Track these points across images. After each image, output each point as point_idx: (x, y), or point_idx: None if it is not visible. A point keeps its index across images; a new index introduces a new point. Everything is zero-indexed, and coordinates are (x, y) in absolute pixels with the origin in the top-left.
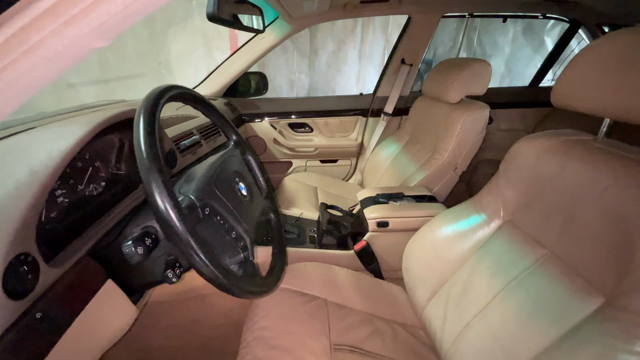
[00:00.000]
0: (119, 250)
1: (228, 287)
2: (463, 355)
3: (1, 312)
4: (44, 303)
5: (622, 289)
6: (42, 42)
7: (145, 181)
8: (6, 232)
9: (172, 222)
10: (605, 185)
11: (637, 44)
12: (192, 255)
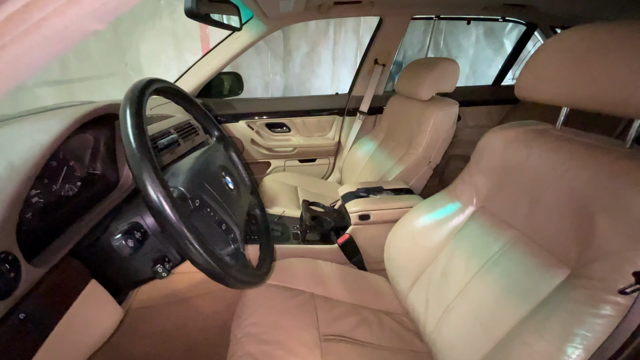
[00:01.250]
0: (103, 249)
1: (222, 276)
2: (446, 336)
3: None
4: (27, 304)
5: (584, 260)
6: (44, 20)
7: (137, 173)
8: None
9: (165, 212)
10: (564, 168)
11: (586, 41)
12: (187, 244)
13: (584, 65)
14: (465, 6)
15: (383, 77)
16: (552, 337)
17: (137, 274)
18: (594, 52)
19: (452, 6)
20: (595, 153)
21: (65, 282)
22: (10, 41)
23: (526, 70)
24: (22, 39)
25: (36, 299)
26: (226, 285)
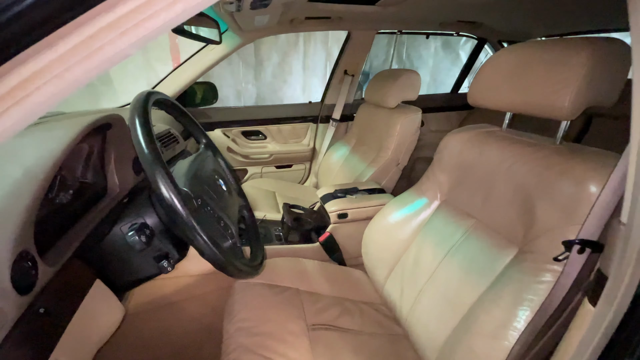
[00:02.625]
0: (106, 251)
1: (225, 264)
2: (420, 317)
3: (12, 306)
4: (44, 299)
5: (528, 238)
6: (100, 49)
7: (150, 175)
8: (11, 230)
9: (176, 208)
10: (510, 163)
11: (521, 58)
12: (196, 237)
13: (520, 77)
14: (424, 22)
15: (352, 86)
16: (506, 304)
17: (142, 271)
18: (526, 66)
19: (413, 22)
20: (533, 150)
21: (73, 281)
22: (76, 64)
23: (475, 82)
24: (82, 63)
25: (50, 296)
26: (228, 274)
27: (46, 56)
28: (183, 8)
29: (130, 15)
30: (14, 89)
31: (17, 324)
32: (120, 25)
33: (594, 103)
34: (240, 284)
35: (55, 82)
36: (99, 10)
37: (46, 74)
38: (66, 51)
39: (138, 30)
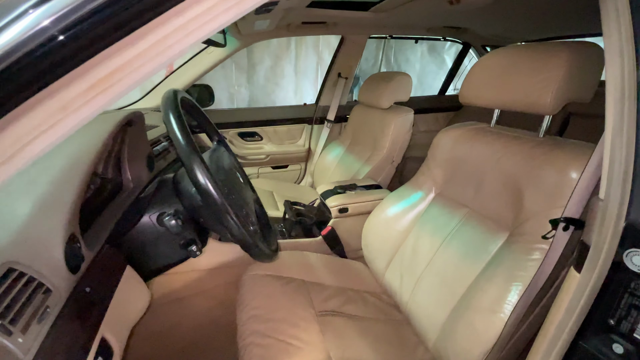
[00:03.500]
0: (135, 239)
1: (251, 245)
2: (420, 302)
3: (65, 284)
4: (88, 280)
5: (518, 222)
6: (169, 47)
7: (188, 164)
8: (63, 214)
9: (211, 192)
10: (499, 155)
11: (507, 59)
12: (228, 219)
13: (506, 77)
14: (413, 28)
15: (346, 88)
16: (500, 281)
17: (171, 256)
18: (512, 68)
19: (402, 28)
20: (519, 143)
21: (109, 265)
22: (150, 59)
23: (466, 82)
24: (155, 59)
25: (93, 277)
26: (252, 254)
27: (129, 52)
28: (235, 13)
29: (197, 19)
30: (101, 80)
31: (68, 300)
32: (188, 27)
33: (572, 99)
34: (248, 276)
35: (133, 75)
36: (171, 15)
37: (127, 67)
38: (145, 49)
39: (200, 31)
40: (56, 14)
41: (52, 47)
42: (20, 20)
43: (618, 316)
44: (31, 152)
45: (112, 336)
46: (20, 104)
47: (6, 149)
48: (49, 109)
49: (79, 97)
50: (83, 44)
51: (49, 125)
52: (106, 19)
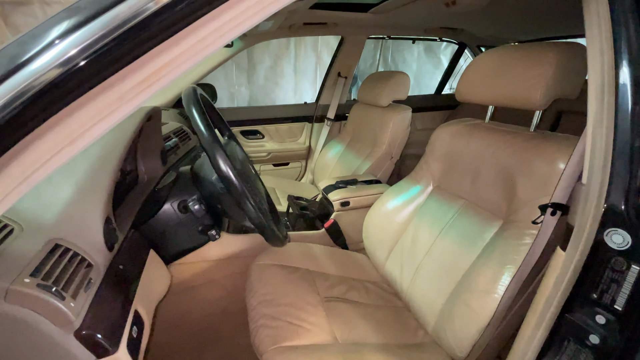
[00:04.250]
0: (156, 226)
1: (266, 228)
2: (419, 288)
3: (103, 260)
4: (121, 259)
5: (511, 211)
6: (206, 47)
7: (211, 153)
8: (101, 198)
9: (232, 179)
10: (493, 149)
11: (501, 59)
12: (246, 203)
13: (499, 75)
14: (411, 28)
15: (345, 87)
16: (494, 264)
17: (190, 241)
18: (505, 66)
19: (400, 28)
20: (512, 137)
21: (136, 248)
22: (190, 58)
23: (462, 81)
24: (193, 58)
25: (124, 256)
26: (266, 237)
27: (173, 51)
28: (261, 16)
29: (230, 22)
30: (151, 74)
31: (106, 275)
32: (222, 29)
33: (560, 95)
34: (256, 265)
35: (176, 71)
36: (208, 19)
37: (172, 64)
38: (186, 48)
39: (231, 32)
40: (113, 22)
41: (112, 46)
42: (87, 26)
43: (600, 290)
44: (90, 136)
45: (142, 310)
46: (84, 94)
47: (72, 132)
48: (108, 99)
49: (132, 89)
50: (137, 44)
51: (107, 113)
52: (156, 23)
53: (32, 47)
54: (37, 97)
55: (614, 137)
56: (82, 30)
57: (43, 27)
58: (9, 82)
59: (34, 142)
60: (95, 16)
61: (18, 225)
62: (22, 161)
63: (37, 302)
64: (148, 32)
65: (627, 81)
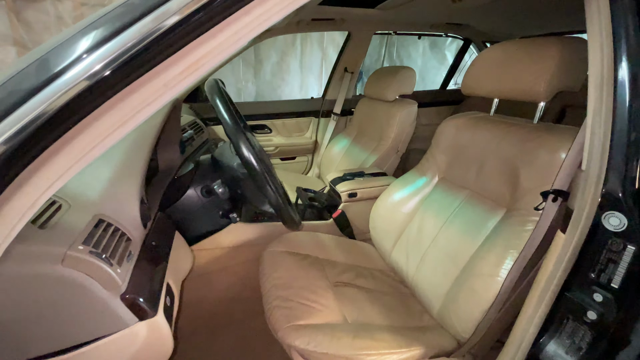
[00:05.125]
0: (183, 209)
1: (284, 211)
2: (424, 275)
3: (139, 236)
4: (152, 236)
5: (514, 200)
6: (238, 40)
7: (235, 140)
8: (137, 179)
9: (253, 165)
10: (498, 140)
11: (509, 51)
12: (266, 186)
13: (504, 69)
14: (417, 24)
15: (352, 83)
16: (498, 250)
17: (212, 224)
18: (510, 60)
19: (407, 24)
20: (516, 128)
21: (164, 228)
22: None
23: (468, 74)
24: (227, 50)
25: (155, 235)
26: (283, 220)
27: (211, 43)
28: (286, 12)
29: (259, 17)
30: (192, 64)
31: (141, 249)
32: (252, 24)
33: (563, 88)
34: (268, 252)
35: (212, 61)
36: (240, 14)
37: (209, 55)
38: (222, 41)
39: (260, 27)
40: (162, 18)
41: (160, 39)
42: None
43: (598, 270)
44: (139, 119)
45: (172, 283)
46: (135, 80)
47: (124, 115)
48: (155, 86)
49: (175, 77)
50: (180, 37)
51: (153, 98)
52: (197, 19)
53: (97, 40)
54: (99, 83)
55: (612, 126)
56: (136, 25)
57: (106, 20)
58: (76, 68)
59: (93, 123)
60: (148, 13)
61: (65, 202)
62: (83, 139)
63: (89, 267)
64: (190, 26)
65: (625, 75)
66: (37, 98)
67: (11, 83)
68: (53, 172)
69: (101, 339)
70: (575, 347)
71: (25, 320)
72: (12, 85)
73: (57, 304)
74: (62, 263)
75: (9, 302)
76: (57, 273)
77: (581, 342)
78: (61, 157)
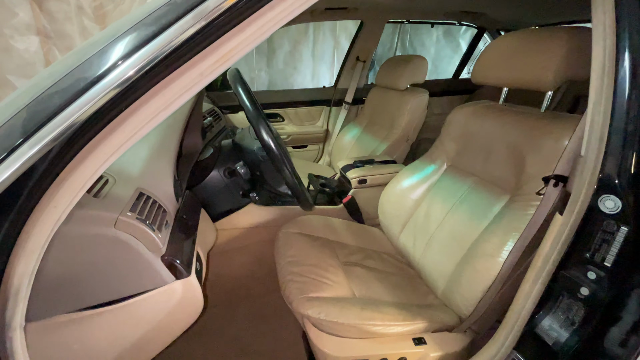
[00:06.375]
0: (208, 188)
1: (300, 192)
2: (431, 257)
3: (173, 208)
4: (182, 211)
5: (519, 185)
6: (263, 33)
7: (256, 125)
8: (171, 157)
9: (273, 149)
10: (506, 128)
11: (519, 41)
12: (284, 168)
13: (514, 58)
14: (431, 12)
15: (364, 71)
16: (501, 232)
17: (233, 203)
18: (519, 50)
19: (420, 12)
20: (524, 117)
21: (192, 204)
22: (252, 42)
23: (478, 63)
24: (254, 41)
25: (185, 209)
26: (299, 200)
27: (240, 36)
28: (306, 6)
29: (283, 12)
30: (224, 55)
31: (174, 221)
32: (276, 18)
33: (570, 77)
34: (282, 233)
35: (241, 52)
36: (266, 10)
37: (239, 46)
38: (250, 33)
39: (283, 20)
40: (200, 16)
41: (196, 33)
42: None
43: (592, 249)
44: (178, 103)
45: (201, 252)
46: (176, 69)
47: (167, 100)
48: (193, 75)
49: (210, 66)
50: (213, 31)
51: (191, 85)
52: (229, 15)
53: (148, 36)
54: (148, 73)
55: (611, 114)
56: (179, 22)
57: (154, 18)
58: (134, 57)
59: (141, 107)
60: (189, 11)
61: (112, 177)
62: (133, 120)
63: (136, 230)
64: (223, 22)
65: (627, 65)
66: (96, 88)
67: (78, 71)
68: (109, 148)
69: (144, 293)
70: (569, 322)
71: (83, 274)
72: (79, 73)
73: (109, 261)
74: (115, 226)
75: (70, 258)
76: (111, 234)
77: (575, 317)
78: (115, 135)
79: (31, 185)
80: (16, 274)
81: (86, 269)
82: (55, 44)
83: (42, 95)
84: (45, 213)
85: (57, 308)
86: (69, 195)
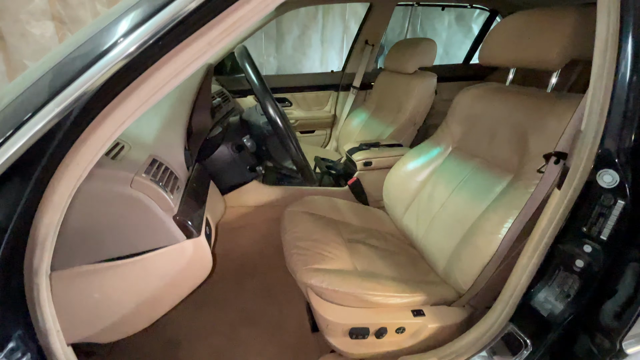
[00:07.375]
0: (216, 162)
1: (304, 167)
2: (433, 237)
3: (184, 176)
4: (193, 180)
5: (521, 165)
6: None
7: (262, 100)
8: (182, 128)
9: (279, 123)
10: (510, 109)
11: (526, 21)
12: (289, 143)
13: (520, 39)
14: None
15: (372, 55)
16: (501, 210)
17: (240, 177)
18: (526, 30)
19: None
20: (529, 97)
21: (201, 175)
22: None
23: (485, 44)
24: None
25: (195, 178)
26: (302, 175)
27: (245, 8)
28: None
29: None
30: (230, 25)
31: (186, 187)
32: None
33: (576, 56)
34: (288, 212)
35: (246, 24)
36: None
37: (244, 18)
38: (255, 5)
39: (268, 7)
40: None
41: (203, 3)
42: None
43: (589, 223)
44: (188, 72)
45: (210, 219)
46: (186, 39)
47: (177, 68)
48: (201, 44)
49: (217, 37)
50: (221, 2)
51: (200, 54)
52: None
53: (157, 7)
54: (159, 41)
55: (613, 89)
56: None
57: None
58: (146, 25)
59: (154, 74)
60: None
61: (127, 144)
62: (146, 86)
63: (151, 190)
64: None
65: (629, 44)
66: (111, 55)
67: (91, 42)
68: (125, 112)
69: (157, 249)
70: (564, 294)
71: (101, 228)
72: (92, 43)
73: (125, 217)
74: (131, 185)
75: (90, 213)
76: (127, 192)
77: (570, 289)
78: (130, 100)
79: (56, 144)
80: (43, 224)
81: (104, 223)
82: (70, 30)
83: (65, 58)
84: (69, 169)
85: (79, 259)
86: (89, 154)
